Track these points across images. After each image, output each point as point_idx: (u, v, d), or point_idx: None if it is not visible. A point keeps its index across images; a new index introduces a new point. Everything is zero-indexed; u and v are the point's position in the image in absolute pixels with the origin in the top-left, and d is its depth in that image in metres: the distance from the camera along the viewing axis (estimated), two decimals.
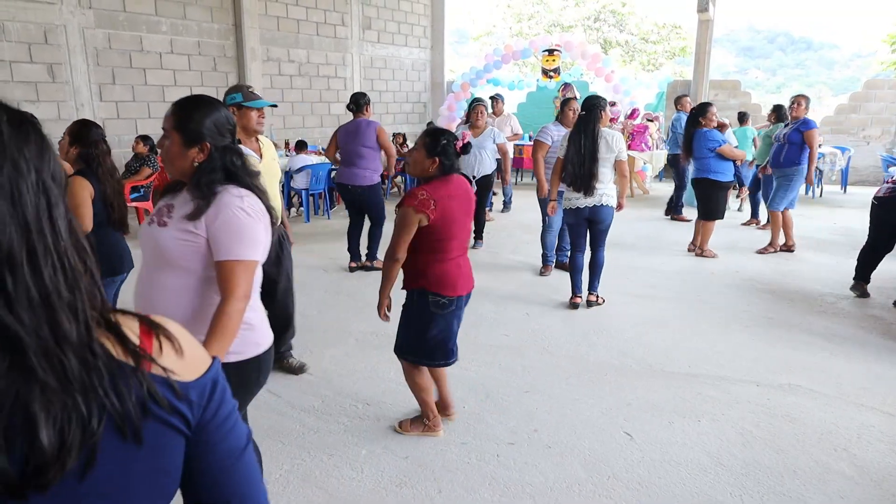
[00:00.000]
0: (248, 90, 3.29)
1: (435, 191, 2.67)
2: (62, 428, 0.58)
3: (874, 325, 4.50)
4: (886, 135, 11.47)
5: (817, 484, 2.65)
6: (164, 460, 0.69)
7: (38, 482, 0.57)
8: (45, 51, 7.50)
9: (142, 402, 0.64)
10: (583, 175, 4.49)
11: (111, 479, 0.64)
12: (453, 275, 2.78)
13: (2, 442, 0.56)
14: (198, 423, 0.72)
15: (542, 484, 2.66)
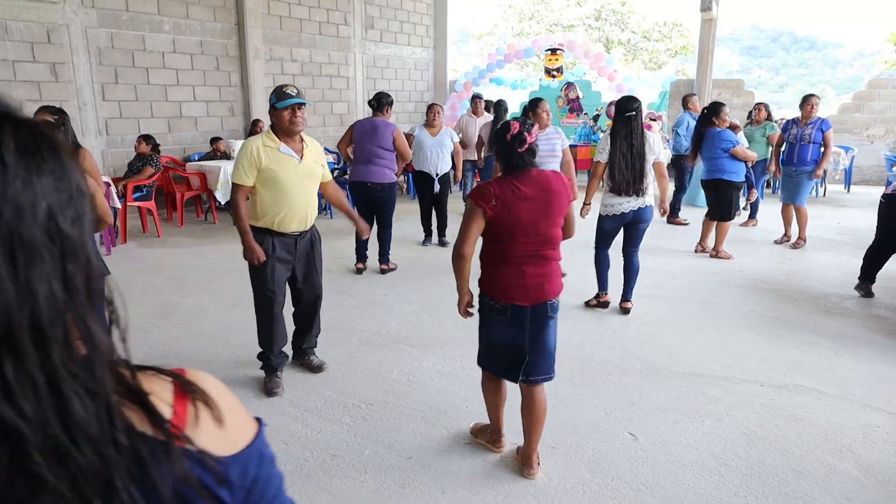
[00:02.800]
0: (283, 90, 3.29)
1: (499, 186, 2.51)
2: None
3: (880, 325, 4.48)
4: (890, 134, 11.43)
5: (822, 485, 2.64)
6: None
7: None
8: (47, 50, 7.50)
9: (176, 491, 0.54)
10: (634, 177, 4.42)
11: None
12: (509, 281, 2.57)
13: None
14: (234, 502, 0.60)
15: (546, 485, 2.65)
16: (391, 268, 5.94)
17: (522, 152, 2.54)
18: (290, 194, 3.32)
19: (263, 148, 3.29)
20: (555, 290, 2.64)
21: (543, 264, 2.60)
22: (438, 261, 6.32)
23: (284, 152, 3.31)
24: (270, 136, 3.33)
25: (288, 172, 3.31)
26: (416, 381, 3.63)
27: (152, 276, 5.68)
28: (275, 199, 3.31)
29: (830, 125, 6.57)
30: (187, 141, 9.23)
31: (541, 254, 2.58)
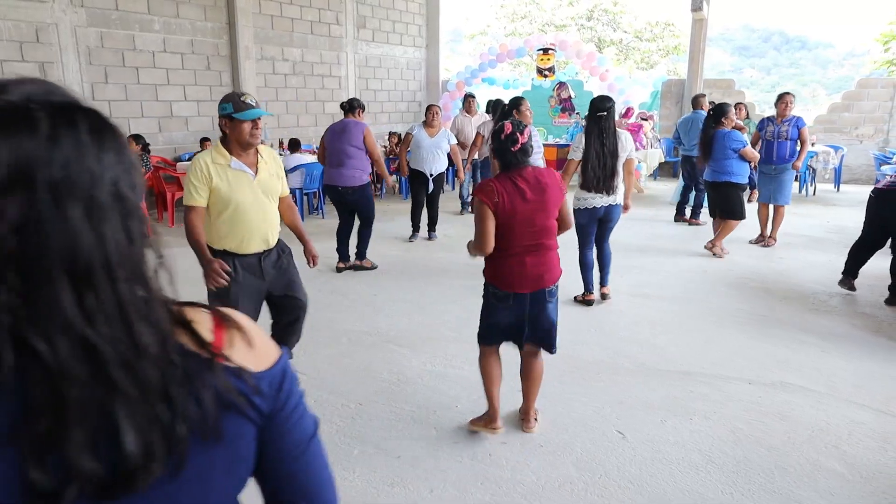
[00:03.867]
0: (241, 99, 2.96)
1: (500, 183, 2.72)
2: (146, 436, 0.61)
3: (866, 323, 4.52)
4: (879, 133, 11.51)
5: (808, 481, 2.66)
6: (239, 449, 0.72)
7: (127, 486, 0.60)
8: (36, 49, 7.46)
9: (219, 398, 0.67)
10: (605, 175, 4.52)
11: (195, 473, 0.67)
12: (511, 271, 2.78)
13: (90, 446, 0.58)
14: (269, 412, 0.74)
15: (534, 483, 2.66)
16: (367, 266, 5.94)
17: (515, 151, 2.74)
18: (248, 213, 3.02)
19: (213, 165, 2.97)
20: (553, 277, 2.87)
21: (542, 254, 2.81)
22: (429, 260, 6.33)
23: (237, 168, 3.00)
24: (220, 150, 3.01)
25: (243, 190, 3.00)
26: (406, 380, 3.63)
27: None
28: (232, 221, 3.02)
29: (805, 122, 6.66)
30: (178, 141, 9.20)
31: (539, 244, 2.79)
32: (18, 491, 0.58)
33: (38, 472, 0.57)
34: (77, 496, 0.58)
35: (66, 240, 0.58)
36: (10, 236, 0.56)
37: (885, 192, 4.88)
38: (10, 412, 0.58)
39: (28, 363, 0.57)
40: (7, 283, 0.56)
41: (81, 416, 0.58)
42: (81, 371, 0.58)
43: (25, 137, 0.57)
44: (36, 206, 0.57)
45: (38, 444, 0.57)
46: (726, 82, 12.41)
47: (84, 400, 0.58)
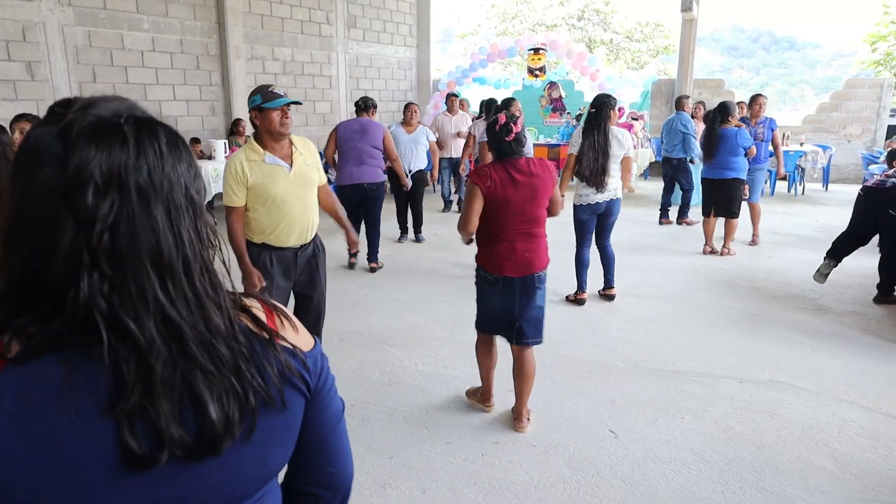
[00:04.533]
0: (269, 90, 2.97)
1: (497, 170, 2.86)
2: (225, 405, 0.70)
3: (855, 322, 4.55)
4: (867, 133, 11.60)
5: (799, 479, 2.67)
6: (293, 420, 0.81)
7: (213, 449, 0.70)
8: (23, 48, 7.38)
9: (281, 372, 0.77)
10: (596, 171, 4.58)
11: (260, 440, 0.75)
12: (501, 255, 2.91)
13: (177, 415, 0.67)
14: (314, 388, 0.84)
15: (527, 483, 2.66)
16: (380, 266, 5.95)
17: (510, 141, 2.88)
18: (285, 207, 3.02)
19: (248, 163, 2.98)
20: (541, 263, 2.99)
21: (531, 240, 2.94)
22: (421, 260, 6.32)
23: (271, 163, 3.00)
24: (253, 146, 3.01)
25: (279, 184, 3.00)
26: (398, 380, 3.62)
27: None
28: (269, 215, 3.03)
29: (777, 125, 6.87)
30: None
31: (529, 231, 2.93)
32: (117, 455, 0.65)
33: (132, 439, 0.65)
34: (168, 460, 0.67)
35: (151, 236, 0.67)
36: (105, 233, 0.65)
37: (874, 189, 4.91)
38: (106, 386, 0.65)
39: (120, 343, 0.65)
40: (102, 274, 0.65)
41: (167, 389, 0.67)
42: (166, 348, 0.67)
43: (117, 148, 0.66)
44: (127, 207, 0.66)
45: (130, 415, 0.65)
46: (716, 82, 12.47)
47: (169, 374, 0.67)
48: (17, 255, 0.67)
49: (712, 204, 6.42)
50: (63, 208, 0.64)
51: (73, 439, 0.65)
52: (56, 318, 0.65)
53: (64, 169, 0.64)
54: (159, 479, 0.69)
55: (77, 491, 0.66)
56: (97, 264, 0.65)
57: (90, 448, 0.65)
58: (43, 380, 0.65)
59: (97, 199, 0.64)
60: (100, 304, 0.65)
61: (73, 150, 0.65)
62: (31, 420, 0.64)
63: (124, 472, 0.66)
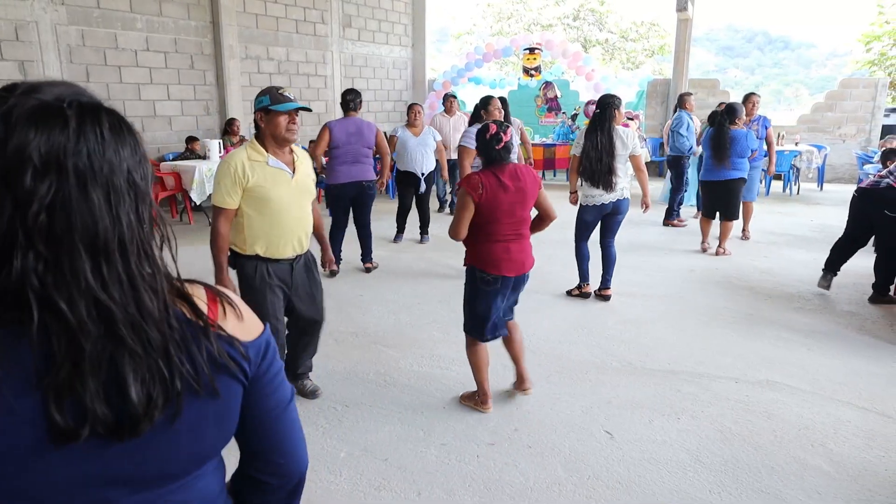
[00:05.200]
0: (279, 91, 2.87)
1: (487, 177, 2.96)
2: (148, 388, 0.72)
3: (850, 321, 4.55)
4: (861, 133, 11.63)
5: (795, 480, 2.66)
6: (228, 406, 0.83)
7: (132, 430, 0.71)
8: (16, 48, 7.34)
9: (213, 360, 0.78)
10: (601, 171, 4.59)
11: (189, 424, 0.77)
12: (498, 255, 3.02)
13: (102, 394, 0.69)
14: (254, 376, 0.85)
15: (522, 484, 2.65)
16: (375, 266, 5.92)
17: (500, 149, 2.99)
18: (284, 215, 2.89)
19: (249, 162, 2.83)
20: (531, 263, 3.17)
21: (521, 242, 3.09)
22: (417, 261, 6.30)
23: (275, 166, 2.87)
24: (256, 147, 2.88)
25: (280, 189, 2.86)
26: (393, 381, 3.60)
27: None
28: (266, 222, 2.88)
29: (770, 123, 6.95)
30: (161, 140, 9.10)
31: (519, 232, 3.07)
32: (43, 428, 0.68)
33: (58, 413, 0.67)
34: (89, 435, 0.69)
35: (88, 219, 0.68)
36: (41, 213, 0.66)
37: (868, 190, 4.92)
38: (35, 363, 0.68)
39: (52, 321, 0.67)
40: (36, 253, 0.66)
41: (95, 368, 0.69)
42: (96, 328, 0.69)
43: (57, 131, 0.68)
44: (64, 189, 0.67)
45: (58, 391, 0.68)
46: (711, 82, 12.48)
47: (97, 354, 0.69)
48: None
49: (715, 206, 6.37)
50: (2, 189, 0.66)
51: (2, 412, 0.67)
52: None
53: (3, 151, 0.66)
54: (86, 456, 0.71)
55: (6, 463, 0.68)
56: (32, 244, 0.66)
57: (17, 421, 0.68)
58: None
59: (35, 180, 0.66)
60: (33, 282, 0.66)
61: (13, 133, 0.66)
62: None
63: (49, 447, 0.69)
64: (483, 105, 5.26)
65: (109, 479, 0.75)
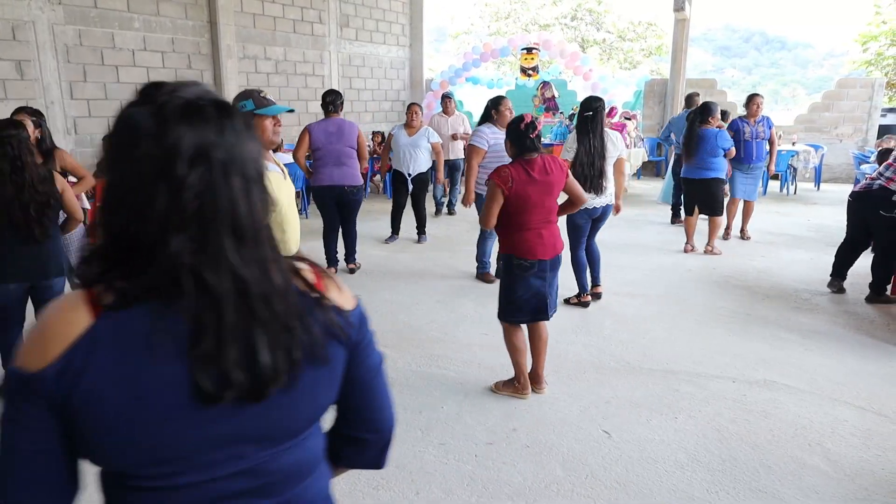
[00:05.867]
0: (260, 95, 2.85)
1: (515, 170, 3.11)
2: (275, 355, 0.80)
3: (848, 321, 4.56)
4: (858, 133, 11.66)
5: (792, 479, 2.67)
6: (336, 370, 0.92)
7: (261, 393, 0.80)
8: (12, 47, 7.31)
9: (326, 329, 0.87)
10: (593, 175, 4.53)
11: (306, 387, 0.86)
12: (532, 242, 3.19)
13: (239, 361, 0.77)
14: (355, 342, 0.94)
15: (521, 484, 2.65)
16: (358, 266, 5.91)
17: (533, 138, 3.14)
18: (290, 218, 2.82)
19: None
20: (562, 245, 3.35)
21: (552, 227, 3.28)
22: (415, 261, 6.30)
23: (272, 170, 2.73)
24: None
25: (283, 193, 2.76)
26: (391, 381, 3.55)
27: None
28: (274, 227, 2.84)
29: (773, 123, 6.94)
30: None
31: (549, 219, 3.26)
32: (187, 392, 0.77)
33: (203, 379, 0.76)
34: (230, 399, 0.78)
35: (229, 204, 0.77)
36: (194, 200, 0.75)
37: (862, 193, 4.96)
38: (185, 334, 0.76)
39: (199, 295, 0.76)
40: (188, 234, 0.75)
41: (234, 337, 0.77)
42: (236, 301, 0.77)
43: (203, 126, 0.77)
44: (211, 178, 0.76)
45: (203, 358, 0.76)
46: (708, 82, 12.50)
47: (235, 324, 0.77)
48: (117, 217, 0.78)
49: (693, 203, 6.43)
50: (158, 177, 0.74)
51: (155, 378, 0.76)
52: (146, 272, 0.76)
53: (159, 144, 0.75)
54: (222, 417, 0.80)
55: (156, 423, 0.77)
56: (185, 226, 0.75)
57: (168, 386, 0.77)
58: (133, 325, 0.76)
59: (187, 169, 0.75)
60: (185, 259, 0.75)
61: (167, 128, 0.75)
62: (122, 359, 0.76)
63: (194, 409, 0.78)
64: (494, 105, 5.22)
65: (241, 437, 0.83)
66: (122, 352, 0.76)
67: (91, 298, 0.78)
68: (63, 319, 0.77)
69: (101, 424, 0.76)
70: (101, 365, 0.75)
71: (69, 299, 0.79)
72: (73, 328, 0.76)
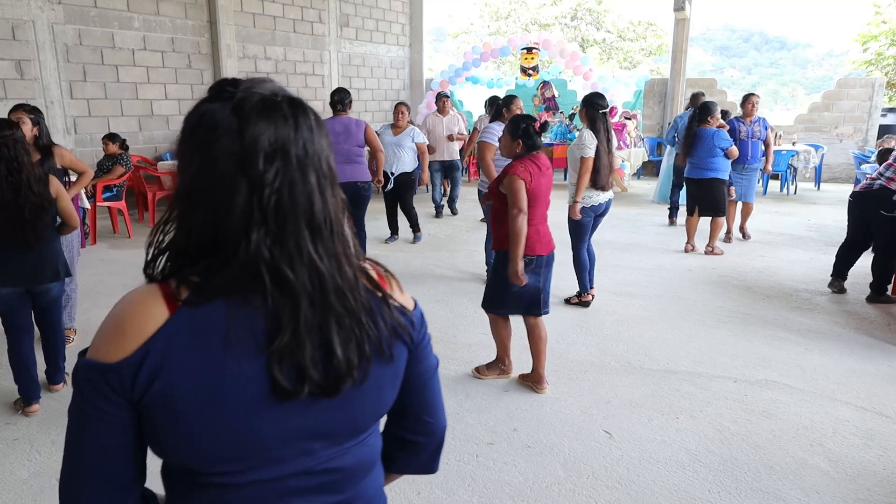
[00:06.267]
0: None
1: (531, 164, 3.28)
2: (348, 350, 0.80)
3: (848, 321, 4.56)
4: (858, 132, 11.66)
5: (794, 479, 2.67)
6: (399, 369, 0.92)
7: (335, 389, 0.81)
8: (12, 47, 7.31)
9: (392, 327, 0.88)
10: (610, 171, 4.62)
11: (373, 384, 0.86)
12: (532, 238, 3.29)
13: (316, 356, 0.78)
14: (416, 342, 0.94)
15: (522, 484, 2.65)
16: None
17: (540, 137, 3.36)
18: None
19: None
20: (553, 240, 3.49)
21: (545, 223, 3.43)
22: (414, 260, 6.30)
23: None
24: None
25: None
26: None
27: (123, 278, 5.56)
28: None
29: (769, 124, 6.93)
30: (158, 140, 9.08)
31: (545, 215, 3.41)
32: (264, 387, 0.77)
33: (281, 374, 0.76)
34: (305, 394, 0.78)
35: (306, 199, 0.78)
36: (273, 195, 0.76)
37: (862, 194, 4.96)
38: (262, 329, 0.77)
39: (276, 290, 0.76)
40: (267, 229, 0.76)
41: (310, 333, 0.78)
42: (312, 296, 0.78)
43: (281, 122, 0.78)
44: (289, 174, 0.77)
45: (281, 354, 0.76)
46: (708, 82, 12.49)
47: (311, 319, 0.78)
48: (196, 213, 0.78)
49: (695, 203, 6.42)
50: (239, 173, 0.75)
51: (232, 373, 0.76)
52: (224, 268, 0.76)
53: (240, 140, 0.75)
54: (296, 412, 0.80)
55: (231, 419, 0.77)
56: (265, 221, 0.76)
57: (245, 381, 0.77)
58: (211, 320, 0.76)
59: (266, 165, 0.76)
60: (264, 254, 0.76)
61: (248, 124, 0.76)
62: (199, 354, 0.76)
63: (271, 404, 0.78)
64: (506, 104, 5.25)
65: (312, 433, 0.83)
66: (199, 347, 0.76)
67: (167, 292, 0.78)
68: (141, 312, 0.77)
69: (177, 419, 0.76)
70: (178, 359, 0.75)
71: (145, 292, 0.79)
72: (151, 321, 0.76)
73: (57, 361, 3.39)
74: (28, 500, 2.55)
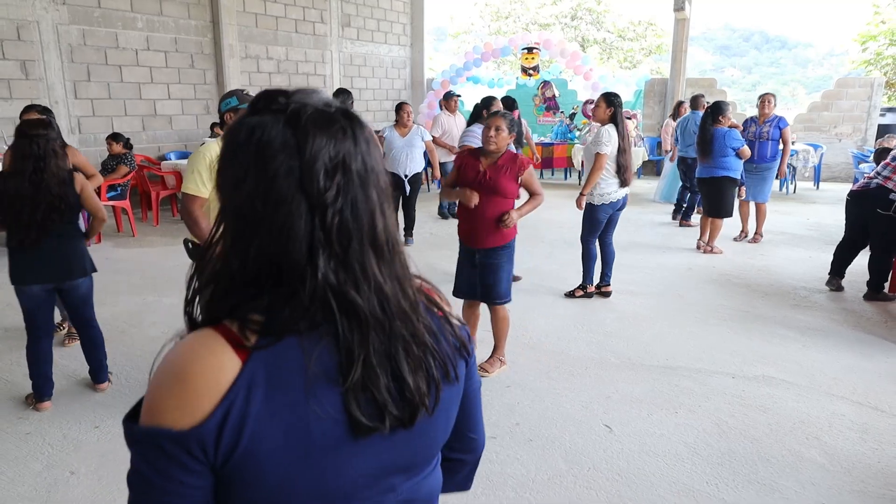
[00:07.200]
0: (244, 93, 2.97)
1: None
2: (417, 377, 0.75)
3: (845, 318, 4.61)
4: (857, 132, 11.70)
5: (790, 472, 2.72)
6: (461, 388, 0.87)
7: (411, 419, 0.75)
8: (17, 47, 7.37)
9: (456, 346, 0.83)
10: (629, 167, 4.70)
11: (443, 408, 0.81)
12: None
13: (391, 388, 0.73)
14: (471, 357, 0.90)
15: (524, 476, 2.70)
16: None
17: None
18: None
19: None
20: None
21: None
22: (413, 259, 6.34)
23: None
24: None
25: None
26: None
27: (128, 276, 5.62)
28: None
29: (787, 123, 6.83)
30: (161, 139, 9.14)
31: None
32: (343, 424, 0.71)
33: (359, 411, 0.71)
34: (385, 428, 0.73)
35: (368, 218, 0.73)
36: (336, 215, 0.70)
37: (859, 193, 5.01)
38: (333, 362, 0.71)
39: (344, 318, 0.70)
40: (331, 252, 0.70)
41: (382, 363, 0.72)
42: (380, 322, 0.72)
43: (340, 136, 0.72)
44: (351, 191, 0.71)
45: (356, 388, 0.71)
46: (708, 81, 12.54)
47: (380, 347, 0.72)
48: (251, 241, 0.70)
49: (706, 201, 6.47)
50: (299, 193, 0.69)
51: (314, 415, 0.70)
52: (292, 299, 0.70)
53: (300, 157, 0.69)
54: (377, 447, 0.75)
55: (321, 465, 0.71)
56: (329, 244, 0.70)
57: (326, 422, 0.71)
58: (285, 363, 0.70)
59: (328, 182, 0.69)
60: (331, 280, 0.70)
61: (307, 139, 0.69)
62: (281, 403, 0.69)
63: (351, 443, 0.72)
64: (485, 105, 5.27)
65: (393, 468, 0.78)
66: (279, 394, 0.69)
67: (231, 338, 0.70)
68: (210, 365, 0.68)
69: (259, 477, 0.69)
70: (260, 412, 0.68)
71: (206, 341, 0.70)
72: (224, 374, 0.68)
73: (99, 358, 3.44)
74: (42, 492, 2.61)
